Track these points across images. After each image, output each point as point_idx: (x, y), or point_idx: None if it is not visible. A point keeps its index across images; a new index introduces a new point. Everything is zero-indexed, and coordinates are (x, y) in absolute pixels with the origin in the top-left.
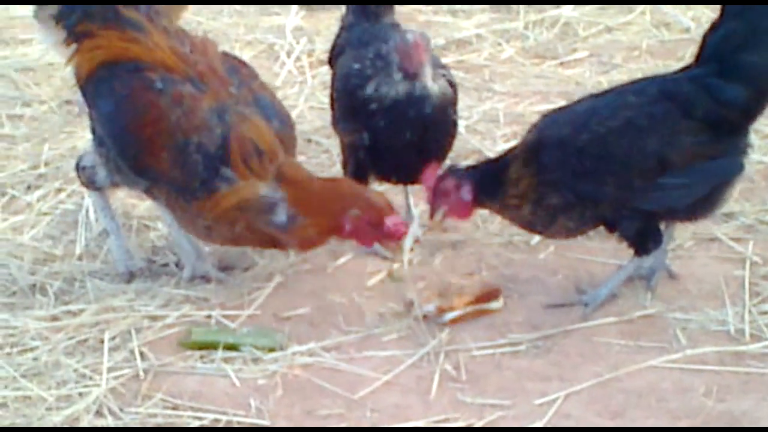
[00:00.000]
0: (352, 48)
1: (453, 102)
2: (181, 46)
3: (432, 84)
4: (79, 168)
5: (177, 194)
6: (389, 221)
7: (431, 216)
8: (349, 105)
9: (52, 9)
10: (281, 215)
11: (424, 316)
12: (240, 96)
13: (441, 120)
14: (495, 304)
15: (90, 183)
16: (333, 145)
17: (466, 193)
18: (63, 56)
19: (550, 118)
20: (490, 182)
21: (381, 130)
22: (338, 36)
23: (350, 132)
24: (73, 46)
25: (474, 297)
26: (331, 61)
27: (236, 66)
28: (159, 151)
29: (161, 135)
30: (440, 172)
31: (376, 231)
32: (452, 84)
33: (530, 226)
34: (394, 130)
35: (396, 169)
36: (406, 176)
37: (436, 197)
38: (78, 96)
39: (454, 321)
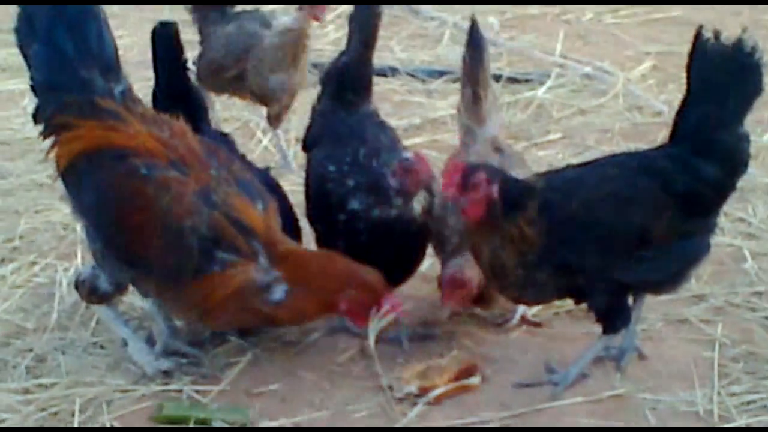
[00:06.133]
0: (329, 140)
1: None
2: (160, 131)
3: (416, 205)
4: (78, 284)
5: (167, 283)
6: (384, 302)
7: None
8: (325, 209)
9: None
10: (277, 293)
11: (406, 396)
12: (221, 178)
13: (421, 234)
14: (474, 380)
15: (92, 295)
16: (307, 229)
17: (495, 191)
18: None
19: (549, 178)
20: (515, 195)
21: (360, 244)
22: (313, 121)
23: (324, 234)
24: (51, 138)
25: (454, 374)
26: (305, 147)
27: (213, 149)
28: (149, 239)
29: (151, 222)
30: (468, 166)
31: (371, 311)
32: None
33: (506, 277)
34: (375, 245)
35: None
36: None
37: (462, 188)
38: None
39: (437, 399)
